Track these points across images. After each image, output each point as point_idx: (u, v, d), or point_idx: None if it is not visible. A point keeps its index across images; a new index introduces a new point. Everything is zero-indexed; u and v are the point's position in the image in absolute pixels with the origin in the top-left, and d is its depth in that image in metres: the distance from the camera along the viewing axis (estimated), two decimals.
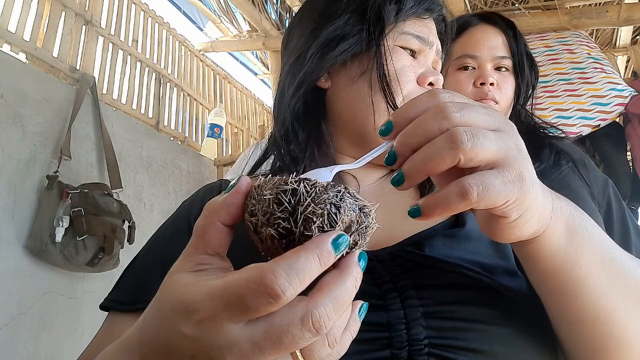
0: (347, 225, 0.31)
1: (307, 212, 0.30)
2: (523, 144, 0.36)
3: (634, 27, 2.50)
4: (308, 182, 0.31)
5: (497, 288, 0.47)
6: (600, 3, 2.36)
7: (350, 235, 0.31)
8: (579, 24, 2.18)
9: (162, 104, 3.12)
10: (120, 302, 0.56)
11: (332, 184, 0.32)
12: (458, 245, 0.52)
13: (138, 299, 0.53)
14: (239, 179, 0.34)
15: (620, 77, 1.96)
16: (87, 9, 2.69)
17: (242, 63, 4.13)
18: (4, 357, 1.83)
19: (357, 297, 0.31)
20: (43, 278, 2.00)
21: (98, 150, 2.39)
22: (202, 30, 3.67)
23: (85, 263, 1.97)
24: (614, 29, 2.59)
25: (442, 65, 0.67)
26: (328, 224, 0.30)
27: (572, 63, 1.96)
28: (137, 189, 2.57)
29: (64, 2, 2.53)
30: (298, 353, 0.30)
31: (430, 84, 0.61)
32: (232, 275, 0.29)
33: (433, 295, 0.46)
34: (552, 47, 2.06)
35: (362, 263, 0.31)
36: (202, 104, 3.54)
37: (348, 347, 0.32)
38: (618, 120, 1.99)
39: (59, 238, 1.90)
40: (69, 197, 1.99)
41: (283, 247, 0.31)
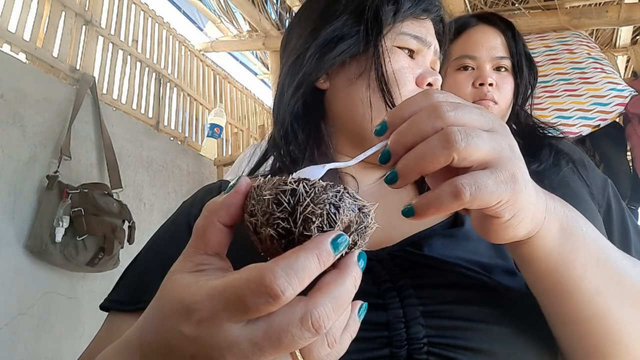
0: (346, 226, 0.31)
1: (306, 212, 0.30)
2: (516, 145, 0.37)
3: (634, 27, 2.50)
4: (307, 182, 0.31)
5: (496, 287, 0.47)
6: (600, 3, 2.36)
7: (350, 235, 0.31)
8: (579, 24, 2.18)
9: (162, 104, 3.12)
10: (121, 302, 0.56)
11: (331, 184, 0.32)
12: (457, 245, 0.52)
13: (138, 299, 0.53)
14: (239, 180, 0.34)
15: (620, 77, 1.96)
16: (87, 9, 2.69)
17: (242, 63, 4.14)
18: (4, 357, 1.83)
19: (356, 296, 0.31)
20: (43, 278, 2.00)
21: (98, 150, 2.39)
22: (202, 30, 3.67)
23: (85, 263, 1.97)
24: (614, 29, 2.59)
25: (440, 66, 0.67)
26: (327, 224, 0.30)
27: (572, 63, 1.96)
28: (137, 189, 2.57)
29: (64, 2, 2.53)
30: (298, 353, 0.30)
31: (429, 85, 0.61)
32: (231, 276, 0.29)
33: (432, 295, 0.46)
34: (552, 47, 2.06)
35: (361, 263, 0.31)
36: (202, 104, 3.54)
37: (347, 346, 0.32)
38: (618, 120, 2.00)
39: (59, 238, 1.90)
40: (69, 197, 1.99)
41: (282, 247, 0.31)
